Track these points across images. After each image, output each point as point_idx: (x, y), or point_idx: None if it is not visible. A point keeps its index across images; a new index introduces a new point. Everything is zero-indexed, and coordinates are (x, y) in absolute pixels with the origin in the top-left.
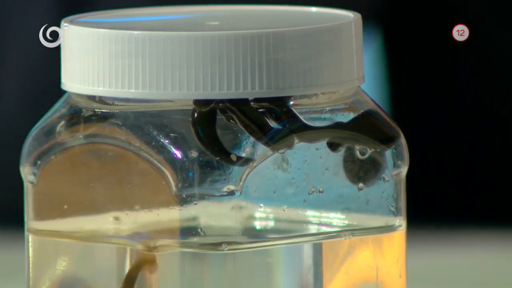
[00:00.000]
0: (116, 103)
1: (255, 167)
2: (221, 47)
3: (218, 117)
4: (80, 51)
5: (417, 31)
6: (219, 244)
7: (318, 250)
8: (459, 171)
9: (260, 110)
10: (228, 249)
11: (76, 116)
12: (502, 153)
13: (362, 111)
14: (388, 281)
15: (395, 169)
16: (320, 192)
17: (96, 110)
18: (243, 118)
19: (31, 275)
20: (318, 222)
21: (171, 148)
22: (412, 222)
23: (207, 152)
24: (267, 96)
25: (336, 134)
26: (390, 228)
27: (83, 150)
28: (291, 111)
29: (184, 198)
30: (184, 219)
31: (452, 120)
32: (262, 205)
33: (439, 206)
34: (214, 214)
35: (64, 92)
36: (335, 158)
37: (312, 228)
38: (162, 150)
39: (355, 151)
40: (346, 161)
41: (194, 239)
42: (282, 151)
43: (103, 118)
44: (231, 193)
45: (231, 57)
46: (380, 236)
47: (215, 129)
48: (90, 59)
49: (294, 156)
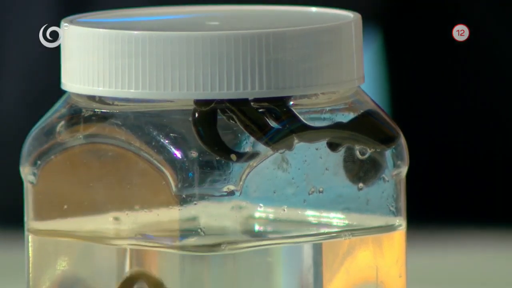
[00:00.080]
0: (116, 103)
1: (255, 167)
2: (221, 47)
3: (218, 117)
4: (80, 51)
5: (417, 31)
6: (219, 244)
7: (318, 250)
8: (459, 171)
9: (260, 110)
10: (228, 249)
11: (76, 116)
12: (502, 153)
13: (362, 111)
14: (388, 281)
15: (395, 169)
16: (320, 192)
17: (96, 110)
18: (243, 118)
19: (31, 275)
20: (318, 222)
21: (171, 148)
22: (412, 222)
23: (209, 152)
24: (267, 96)
25: (336, 134)
26: (390, 228)
27: (83, 150)
28: (291, 111)
29: (184, 198)
30: (184, 219)
31: (452, 120)
32: (262, 205)
33: (439, 206)
34: (214, 214)
35: (64, 92)
36: (335, 158)
37: (312, 228)
38: (162, 150)
39: (355, 151)
40: (346, 161)
41: (194, 239)
42: (282, 151)
43: (103, 118)
44: (231, 193)
45: (231, 57)
46: (380, 236)
47: (216, 128)
48: (90, 59)
49: (294, 156)
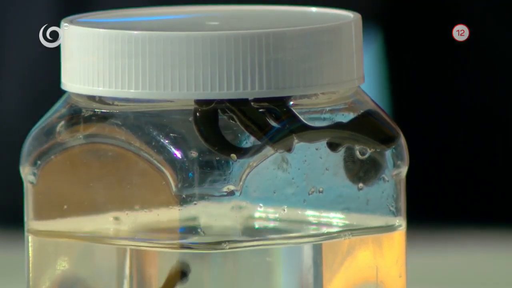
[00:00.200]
0: (116, 103)
1: (255, 167)
2: (221, 47)
3: (219, 116)
4: (80, 51)
5: (417, 31)
6: (219, 243)
7: (318, 250)
8: (459, 171)
9: (260, 110)
10: (228, 248)
11: (76, 116)
12: (502, 153)
13: (362, 111)
14: (388, 281)
15: (395, 169)
16: (320, 192)
17: (96, 110)
18: (243, 118)
19: (31, 275)
20: (318, 222)
21: (171, 148)
22: (412, 222)
23: (212, 151)
24: (267, 96)
25: (336, 134)
26: (390, 228)
27: (83, 150)
28: (291, 111)
29: (184, 198)
30: (184, 219)
31: (452, 120)
32: (262, 205)
33: (439, 206)
34: (214, 214)
35: (64, 92)
36: (335, 158)
37: (312, 228)
38: (162, 150)
39: (355, 151)
40: (346, 161)
41: (194, 239)
42: (282, 151)
43: (103, 118)
44: (231, 193)
45: (231, 57)
46: (380, 236)
47: (218, 127)
48: (90, 59)
49: (294, 156)
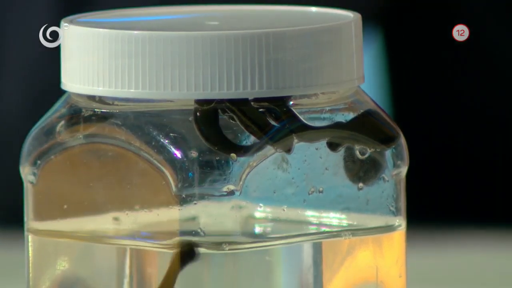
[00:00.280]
0: (116, 103)
1: (255, 167)
2: (221, 47)
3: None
4: (80, 51)
5: (417, 31)
6: (220, 244)
7: (318, 250)
8: (459, 171)
9: (260, 110)
10: (228, 249)
11: (76, 116)
12: (502, 153)
13: (362, 111)
14: (388, 281)
15: (395, 169)
16: (320, 192)
17: (96, 110)
18: (243, 118)
19: (31, 275)
20: (318, 222)
21: (171, 148)
22: (412, 222)
23: (213, 150)
24: (267, 96)
25: (336, 134)
26: (390, 228)
27: (83, 150)
28: (291, 111)
29: (184, 198)
30: (184, 219)
31: (452, 120)
32: (262, 205)
33: (439, 206)
34: (214, 214)
35: (64, 92)
36: (335, 158)
37: (312, 228)
38: (162, 150)
39: (355, 151)
40: (346, 161)
41: (194, 239)
42: (282, 151)
43: (103, 118)
44: (231, 193)
45: (231, 57)
46: (380, 236)
47: (219, 126)
48: (90, 59)
49: (294, 156)
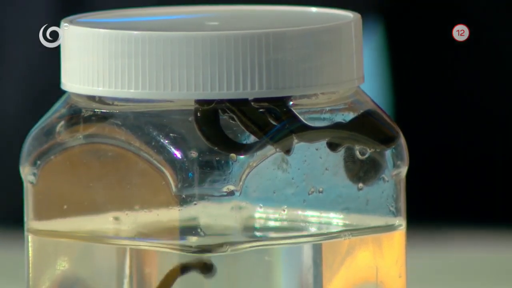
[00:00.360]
0: (116, 103)
1: (255, 167)
2: (221, 47)
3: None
4: (80, 51)
5: (417, 31)
6: (220, 244)
7: (318, 250)
8: (459, 171)
9: (260, 110)
10: (228, 249)
11: (76, 116)
12: (502, 153)
13: (362, 111)
14: (388, 281)
15: (395, 169)
16: (320, 192)
17: (96, 110)
18: (243, 118)
19: (31, 275)
20: (318, 222)
21: (171, 148)
22: (412, 222)
23: (214, 149)
24: (267, 96)
25: (336, 134)
26: (390, 228)
27: (83, 150)
28: (291, 111)
29: (184, 198)
30: (184, 219)
31: (452, 120)
32: (261, 205)
33: (439, 206)
34: (213, 214)
35: (64, 92)
36: (335, 158)
37: (312, 228)
38: (162, 150)
39: (355, 151)
40: (346, 161)
41: (194, 239)
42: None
43: (103, 118)
44: (230, 193)
45: (231, 57)
46: (380, 236)
47: (220, 125)
48: (90, 59)
49: (294, 156)
